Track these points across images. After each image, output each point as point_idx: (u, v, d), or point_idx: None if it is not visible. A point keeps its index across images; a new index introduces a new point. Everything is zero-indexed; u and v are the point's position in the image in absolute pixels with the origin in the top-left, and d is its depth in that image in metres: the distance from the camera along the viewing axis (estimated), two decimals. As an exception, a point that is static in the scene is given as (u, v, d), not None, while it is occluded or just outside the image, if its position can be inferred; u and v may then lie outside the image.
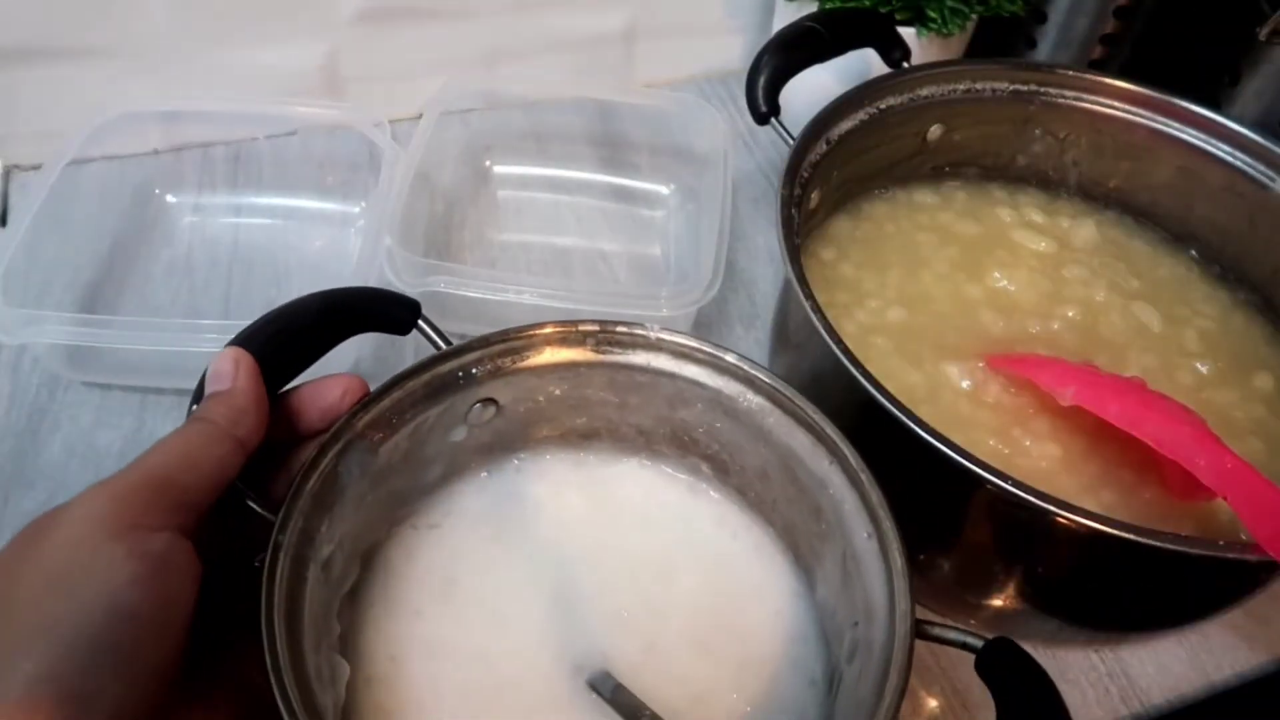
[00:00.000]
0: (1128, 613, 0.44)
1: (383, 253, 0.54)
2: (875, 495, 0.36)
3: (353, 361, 0.56)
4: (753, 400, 0.41)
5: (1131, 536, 0.35)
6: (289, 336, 0.39)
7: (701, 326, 0.61)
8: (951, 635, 0.34)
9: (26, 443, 0.53)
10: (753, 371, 0.40)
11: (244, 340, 0.37)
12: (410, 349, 0.58)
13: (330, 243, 0.65)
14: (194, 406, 0.35)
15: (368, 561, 0.41)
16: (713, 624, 0.42)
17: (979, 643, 0.33)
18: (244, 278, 0.62)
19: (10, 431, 0.53)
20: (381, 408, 0.38)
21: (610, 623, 0.41)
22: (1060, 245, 0.57)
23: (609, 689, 0.38)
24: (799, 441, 0.40)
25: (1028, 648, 0.48)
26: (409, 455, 0.40)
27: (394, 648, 0.40)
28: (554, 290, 0.53)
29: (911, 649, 0.33)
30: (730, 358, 0.40)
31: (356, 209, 0.66)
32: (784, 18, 0.65)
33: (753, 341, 0.62)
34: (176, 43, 0.65)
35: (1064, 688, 0.47)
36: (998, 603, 0.45)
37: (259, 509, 0.35)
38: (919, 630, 0.33)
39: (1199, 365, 0.51)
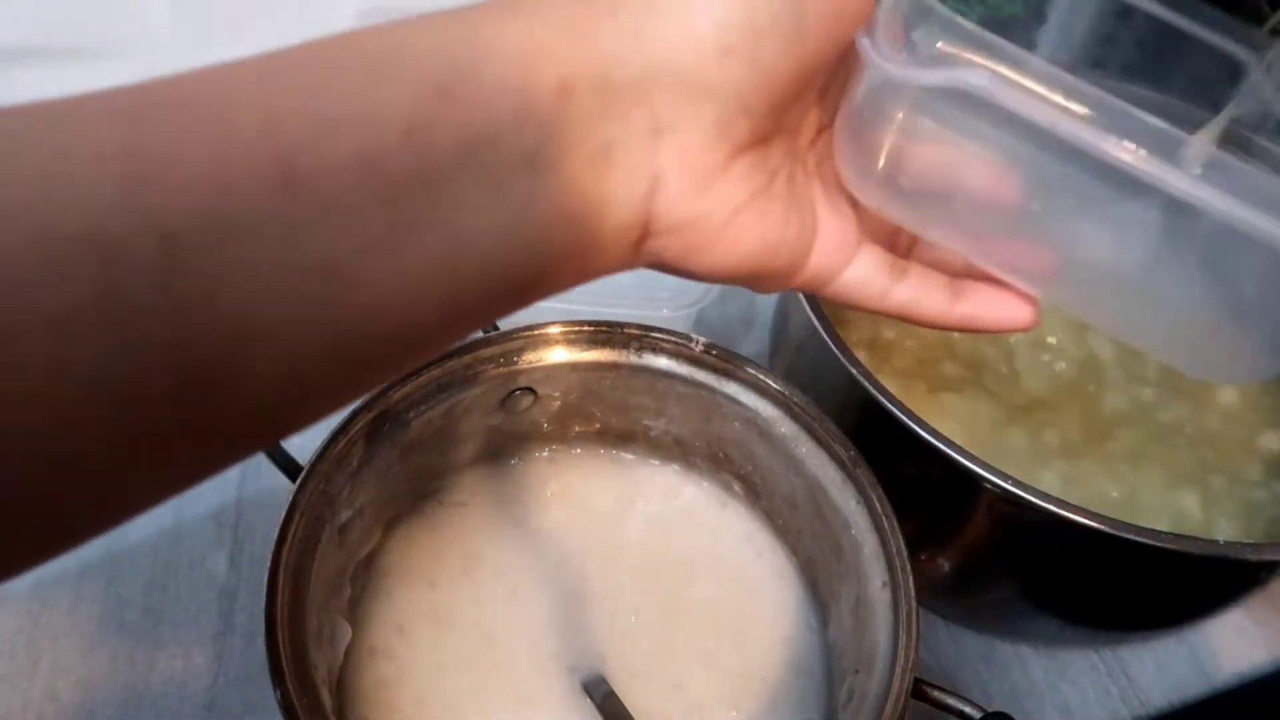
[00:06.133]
0: (1128, 613, 0.44)
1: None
2: (896, 544, 0.35)
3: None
4: (789, 427, 0.40)
5: (1131, 536, 0.35)
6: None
7: (702, 327, 0.60)
8: (950, 701, 0.32)
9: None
10: (793, 398, 0.39)
11: None
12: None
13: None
14: None
15: (389, 530, 0.42)
16: (721, 636, 0.41)
17: (977, 714, 0.32)
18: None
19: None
20: (419, 383, 0.39)
21: (619, 620, 0.41)
22: None
23: (600, 694, 0.38)
24: (829, 475, 0.39)
25: (1027, 648, 0.49)
26: (442, 432, 0.41)
27: (403, 618, 0.40)
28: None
29: (905, 709, 0.32)
30: (773, 381, 0.40)
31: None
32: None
33: (753, 342, 0.61)
34: (176, 43, 0.64)
35: (1064, 688, 0.47)
36: (998, 602, 0.45)
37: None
38: (917, 691, 0.32)
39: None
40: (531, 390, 0.42)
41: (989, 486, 0.36)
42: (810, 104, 0.26)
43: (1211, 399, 0.49)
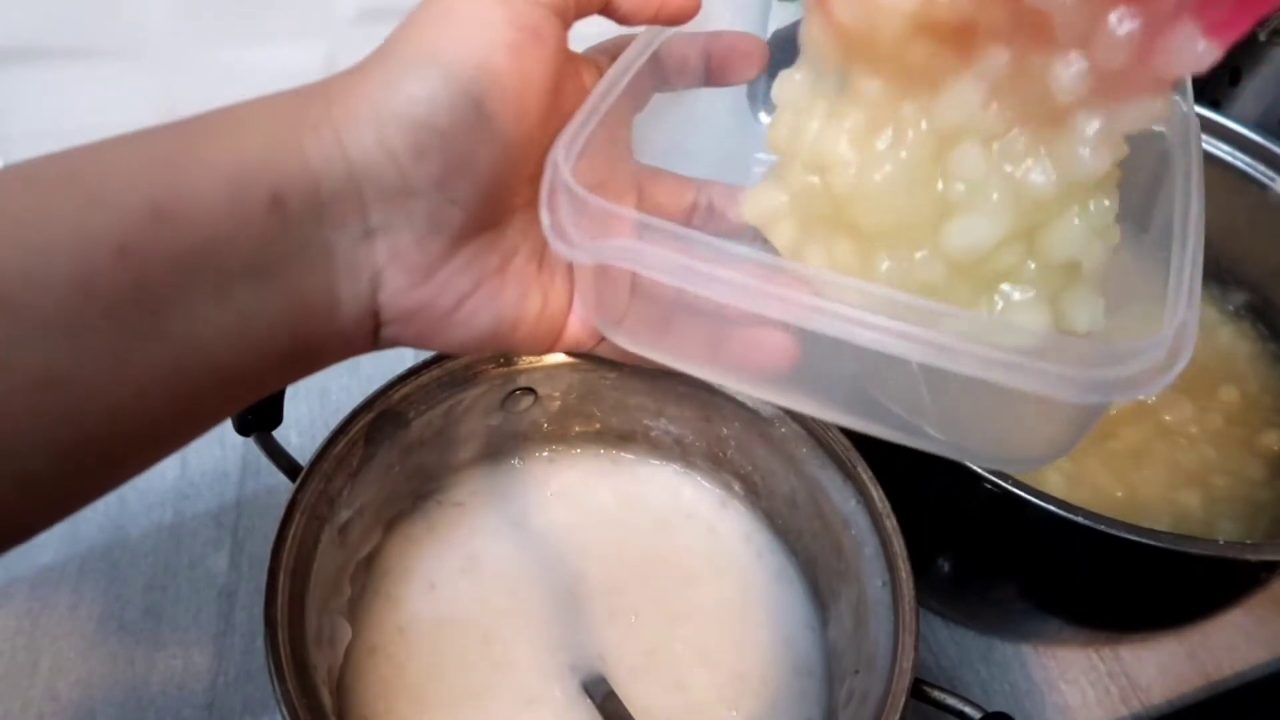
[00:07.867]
0: (1128, 613, 0.44)
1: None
2: (897, 543, 0.35)
3: (352, 362, 0.56)
4: (788, 427, 0.40)
5: (1132, 537, 0.34)
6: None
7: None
8: (950, 701, 0.32)
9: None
10: (792, 398, 0.39)
11: None
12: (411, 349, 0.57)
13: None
14: None
15: (389, 530, 0.42)
16: (721, 636, 0.41)
17: (977, 714, 0.32)
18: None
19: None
20: (419, 383, 0.39)
21: (619, 620, 0.41)
22: None
23: (600, 694, 0.38)
24: (828, 476, 0.39)
25: (1027, 648, 0.49)
26: (442, 433, 0.41)
27: (403, 618, 0.40)
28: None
29: (906, 709, 0.32)
30: (772, 381, 0.40)
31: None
32: (779, 18, 0.64)
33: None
34: (176, 43, 0.64)
35: (1064, 688, 0.47)
36: (998, 602, 0.45)
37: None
38: (917, 690, 0.32)
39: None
40: (531, 390, 0.42)
41: (989, 486, 0.36)
42: None
43: (1214, 399, 0.49)
